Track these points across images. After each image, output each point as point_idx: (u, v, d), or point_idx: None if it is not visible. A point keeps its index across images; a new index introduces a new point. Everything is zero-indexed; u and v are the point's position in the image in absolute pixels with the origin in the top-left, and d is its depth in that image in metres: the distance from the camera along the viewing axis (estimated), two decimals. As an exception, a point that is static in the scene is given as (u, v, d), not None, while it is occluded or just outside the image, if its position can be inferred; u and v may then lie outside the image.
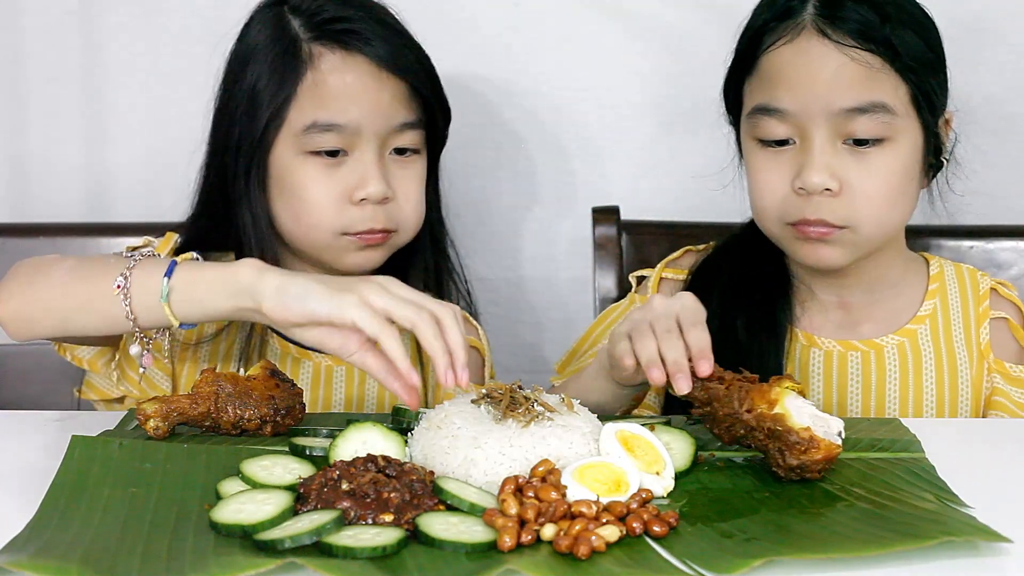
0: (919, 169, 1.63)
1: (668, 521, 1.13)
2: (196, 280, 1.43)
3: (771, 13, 1.62)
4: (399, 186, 1.68)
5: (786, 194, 1.60)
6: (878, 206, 1.59)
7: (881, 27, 1.57)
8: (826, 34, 1.57)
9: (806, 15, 1.59)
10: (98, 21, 2.19)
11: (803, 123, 1.58)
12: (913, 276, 1.75)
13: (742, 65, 1.65)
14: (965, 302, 1.74)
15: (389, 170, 1.67)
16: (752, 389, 1.27)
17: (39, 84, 2.20)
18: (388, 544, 1.07)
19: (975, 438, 1.50)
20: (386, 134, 1.66)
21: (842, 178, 1.57)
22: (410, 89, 1.67)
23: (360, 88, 1.64)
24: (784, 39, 1.60)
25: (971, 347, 1.71)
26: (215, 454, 1.30)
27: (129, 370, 1.66)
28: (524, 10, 2.17)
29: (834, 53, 1.57)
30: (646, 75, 2.18)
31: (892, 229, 1.65)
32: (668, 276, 1.77)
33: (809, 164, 1.57)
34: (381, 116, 1.65)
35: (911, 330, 1.71)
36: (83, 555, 1.05)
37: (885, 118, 1.57)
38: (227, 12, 1.77)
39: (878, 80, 1.57)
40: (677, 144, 2.16)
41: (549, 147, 2.20)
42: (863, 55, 1.56)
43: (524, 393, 1.27)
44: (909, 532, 1.11)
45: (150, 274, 1.44)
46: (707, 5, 1.67)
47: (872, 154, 1.58)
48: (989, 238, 1.97)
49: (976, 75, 1.64)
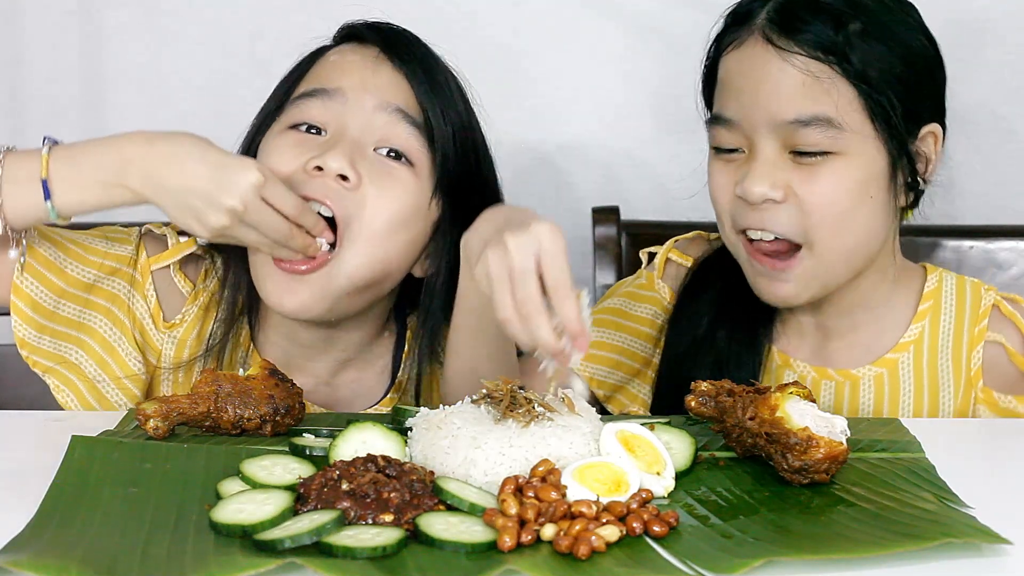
0: (882, 188, 1.54)
1: (668, 521, 1.13)
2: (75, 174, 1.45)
3: (732, 17, 1.58)
4: (370, 183, 1.54)
5: (733, 200, 1.56)
6: (830, 221, 1.51)
7: (834, 36, 1.50)
8: (771, 40, 1.51)
9: (758, 20, 1.54)
10: (98, 21, 2.20)
11: (749, 134, 1.53)
12: (902, 297, 1.66)
13: (709, 70, 1.62)
14: (960, 322, 1.65)
15: (366, 162, 1.55)
16: (757, 398, 1.28)
17: (39, 84, 2.20)
18: (388, 544, 1.07)
19: (975, 438, 1.50)
20: (375, 115, 1.56)
21: (785, 187, 1.51)
22: (410, 85, 1.59)
23: (358, 63, 1.60)
24: (733, 44, 1.56)
25: (959, 373, 1.63)
26: (215, 454, 1.29)
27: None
28: (524, 10, 2.17)
29: (776, 61, 1.51)
30: (646, 75, 2.18)
31: (855, 253, 1.56)
32: (674, 258, 1.76)
33: (749, 173, 1.52)
34: (372, 92, 1.57)
35: (891, 360, 1.64)
36: (83, 555, 1.05)
37: (830, 132, 1.50)
38: (227, 12, 1.78)
39: (823, 92, 1.50)
40: (677, 144, 2.16)
41: (549, 147, 2.20)
42: (808, 64, 1.50)
43: (524, 393, 1.27)
44: (909, 533, 1.11)
45: (21, 184, 1.45)
46: (706, 5, 1.68)
47: (818, 166, 1.51)
48: (989, 238, 1.97)
49: (975, 75, 1.65)
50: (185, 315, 1.65)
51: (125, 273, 1.63)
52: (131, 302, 1.63)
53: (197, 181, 1.44)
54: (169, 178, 1.45)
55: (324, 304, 1.55)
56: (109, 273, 1.63)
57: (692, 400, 1.36)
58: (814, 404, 1.28)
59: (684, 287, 1.72)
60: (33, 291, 1.58)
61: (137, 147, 1.46)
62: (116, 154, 1.46)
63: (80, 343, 1.62)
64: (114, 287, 1.63)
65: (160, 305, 1.64)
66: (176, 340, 1.65)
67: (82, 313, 1.62)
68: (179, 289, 1.66)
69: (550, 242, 1.28)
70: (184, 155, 1.45)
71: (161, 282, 1.65)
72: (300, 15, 2.17)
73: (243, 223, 1.46)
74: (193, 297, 1.66)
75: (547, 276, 1.27)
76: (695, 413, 1.36)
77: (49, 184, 1.45)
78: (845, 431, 1.25)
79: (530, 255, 1.27)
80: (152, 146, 1.46)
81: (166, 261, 1.64)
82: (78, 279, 1.61)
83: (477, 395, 1.29)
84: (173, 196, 1.45)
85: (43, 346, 1.61)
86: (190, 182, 1.44)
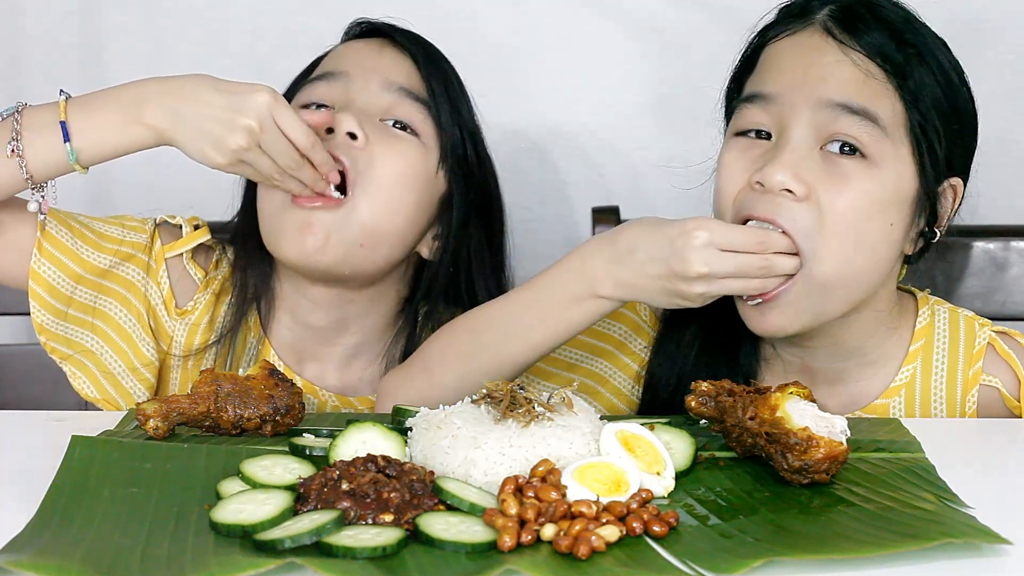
0: (903, 219, 1.46)
1: (668, 521, 1.13)
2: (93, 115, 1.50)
3: (784, 11, 1.54)
4: (377, 142, 1.59)
5: (744, 188, 1.46)
6: (844, 232, 1.42)
7: (896, 50, 1.45)
8: (831, 33, 1.46)
9: (818, 16, 1.49)
10: (98, 21, 2.20)
11: (784, 113, 1.45)
12: (894, 341, 1.58)
13: (745, 64, 1.55)
14: (954, 363, 1.58)
15: (373, 126, 1.60)
16: (757, 398, 1.28)
17: (39, 84, 2.20)
18: (388, 544, 1.07)
19: (975, 438, 1.50)
20: (380, 93, 1.62)
21: (809, 184, 1.42)
22: (414, 64, 1.65)
23: (363, 49, 1.66)
24: (787, 32, 1.50)
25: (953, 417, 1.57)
26: (215, 454, 1.30)
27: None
28: (524, 10, 2.17)
29: (834, 50, 1.45)
30: (646, 75, 2.18)
31: (856, 279, 1.46)
32: None
33: (776, 159, 1.42)
34: (376, 73, 1.63)
35: (881, 405, 1.56)
36: (83, 555, 1.05)
37: (874, 131, 1.42)
38: (227, 13, 1.78)
39: (877, 92, 1.44)
40: (677, 144, 2.16)
41: (549, 147, 2.20)
42: (866, 63, 1.44)
43: (524, 393, 1.27)
44: (909, 533, 1.11)
45: (41, 132, 1.49)
46: (707, 5, 1.68)
47: (849, 167, 1.42)
48: (989, 238, 1.97)
49: (975, 75, 1.65)
50: (197, 302, 1.68)
51: (140, 260, 1.66)
52: (146, 289, 1.66)
53: (213, 106, 1.48)
54: (186, 107, 1.49)
55: (338, 249, 1.58)
56: (124, 259, 1.66)
57: (692, 400, 1.36)
58: (814, 404, 1.29)
59: (665, 320, 1.65)
60: (50, 275, 1.61)
61: (151, 85, 1.52)
62: (132, 93, 1.52)
63: (95, 329, 1.65)
64: (129, 273, 1.66)
65: (173, 292, 1.68)
66: (188, 326, 1.68)
67: (97, 298, 1.65)
68: (192, 277, 1.69)
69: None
70: (198, 85, 1.51)
71: (174, 270, 1.68)
72: (300, 15, 2.18)
73: (258, 147, 1.49)
74: (205, 284, 1.69)
75: None
76: (695, 413, 1.36)
77: (68, 127, 1.50)
78: (845, 431, 1.26)
79: None
80: (166, 83, 1.52)
81: (180, 249, 1.68)
82: (94, 264, 1.63)
83: (477, 395, 1.29)
84: (191, 125, 1.49)
85: (60, 332, 1.64)
86: (206, 108, 1.48)
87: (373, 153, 1.59)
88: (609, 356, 1.66)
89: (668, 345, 1.63)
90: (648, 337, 1.66)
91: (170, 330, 1.67)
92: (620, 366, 1.66)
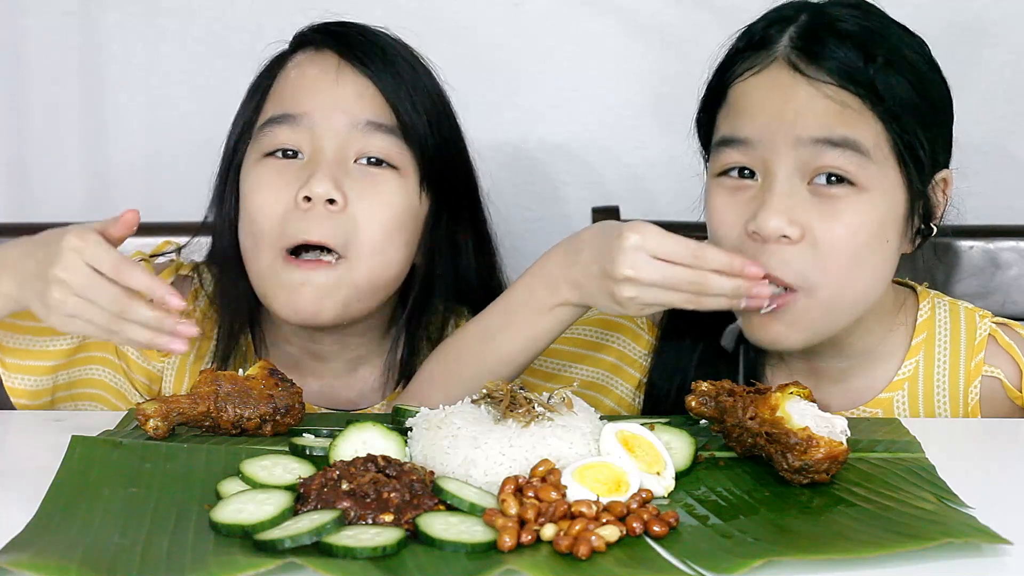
0: (898, 232, 1.47)
1: (668, 521, 1.13)
2: None
3: (746, 41, 1.50)
4: (358, 199, 1.53)
5: (740, 236, 1.45)
6: (844, 262, 1.42)
7: (864, 69, 1.43)
8: (797, 68, 1.44)
9: (780, 47, 1.46)
10: (98, 21, 2.20)
11: (766, 156, 1.44)
12: (896, 336, 1.59)
13: (712, 96, 1.53)
14: (956, 355, 1.58)
15: (351, 178, 1.53)
16: (757, 398, 1.28)
17: (39, 84, 2.21)
18: (388, 544, 1.07)
19: (975, 438, 1.50)
20: (347, 133, 1.54)
21: (803, 224, 1.41)
22: (377, 88, 1.56)
23: (319, 79, 1.57)
24: (753, 69, 1.47)
25: (956, 410, 1.58)
26: (215, 454, 1.30)
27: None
28: (524, 11, 2.17)
29: (804, 86, 1.43)
30: (646, 75, 2.18)
31: (860, 301, 1.47)
32: None
33: (767, 205, 1.42)
34: (340, 111, 1.55)
35: (886, 399, 1.57)
36: (83, 555, 1.05)
37: (858, 159, 1.42)
38: (226, 12, 1.78)
39: (853, 120, 1.43)
40: (677, 144, 2.16)
41: (549, 147, 2.20)
42: (838, 93, 1.42)
43: (524, 393, 1.27)
44: (909, 533, 1.11)
45: None
46: (707, 5, 1.68)
47: (841, 199, 1.42)
48: (989, 238, 1.97)
49: (976, 75, 1.64)
50: None
51: None
52: (120, 346, 1.63)
53: (29, 267, 1.42)
54: (15, 273, 1.44)
55: (335, 309, 1.55)
56: None
57: (692, 400, 1.36)
58: (814, 404, 1.29)
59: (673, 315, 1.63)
60: (26, 384, 1.62)
61: (7, 250, 1.47)
62: None
63: (87, 395, 1.65)
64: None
65: None
66: (176, 364, 1.66)
67: (81, 371, 1.64)
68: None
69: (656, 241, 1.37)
70: (13, 248, 1.46)
71: None
72: (300, 15, 2.17)
73: (78, 296, 1.38)
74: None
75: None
76: (695, 413, 1.36)
77: None
78: (845, 431, 1.26)
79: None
80: (15, 247, 1.46)
81: None
82: (61, 350, 1.63)
83: (477, 395, 1.29)
84: (28, 289, 1.42)
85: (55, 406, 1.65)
86: (26, 271, 1.42)
87: (356, 214, 1.53)
88: (611, 367, 1.66)
89: (668, 356, 1.63)
90: (646, 343, 1.66)
91: (158, 372, 1.66)
92: (624, 376, 1.65)
